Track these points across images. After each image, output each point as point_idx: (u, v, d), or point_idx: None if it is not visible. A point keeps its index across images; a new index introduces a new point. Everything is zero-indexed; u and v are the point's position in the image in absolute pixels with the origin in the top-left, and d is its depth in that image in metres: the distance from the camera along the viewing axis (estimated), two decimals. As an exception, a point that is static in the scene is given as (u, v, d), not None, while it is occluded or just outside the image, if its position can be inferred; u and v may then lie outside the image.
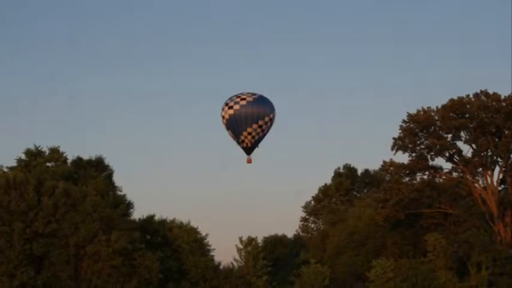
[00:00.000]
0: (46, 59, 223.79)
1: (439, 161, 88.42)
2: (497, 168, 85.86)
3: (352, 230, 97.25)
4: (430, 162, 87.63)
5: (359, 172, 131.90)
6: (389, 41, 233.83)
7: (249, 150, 70.70)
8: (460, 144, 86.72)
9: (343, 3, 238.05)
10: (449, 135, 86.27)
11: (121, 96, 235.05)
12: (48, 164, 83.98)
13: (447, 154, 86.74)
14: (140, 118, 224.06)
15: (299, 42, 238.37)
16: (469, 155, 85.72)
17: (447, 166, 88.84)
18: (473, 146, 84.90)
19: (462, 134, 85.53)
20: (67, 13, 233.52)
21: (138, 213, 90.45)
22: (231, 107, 68.82)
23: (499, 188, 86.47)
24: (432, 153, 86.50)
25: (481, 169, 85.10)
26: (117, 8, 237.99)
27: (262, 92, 72.50)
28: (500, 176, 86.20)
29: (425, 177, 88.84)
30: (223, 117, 70.23)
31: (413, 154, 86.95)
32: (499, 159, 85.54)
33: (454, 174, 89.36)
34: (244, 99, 68.75)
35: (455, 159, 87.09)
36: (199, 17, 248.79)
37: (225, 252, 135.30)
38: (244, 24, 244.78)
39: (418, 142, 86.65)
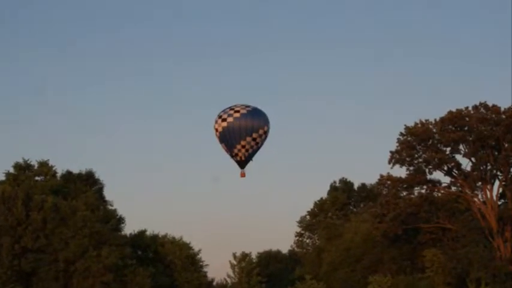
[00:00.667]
0: (35, 71, 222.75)
1: (437, 175, 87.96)
2: (496, 182, 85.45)
3: (349, 245, 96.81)
4: (428, 176, 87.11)
5: (355, 186, 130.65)
6: (387, 51, 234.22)
7: (242, 164, 70.21)
8: (458, 157, 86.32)
9: (340, 9, 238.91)
10: (448, 149, 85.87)
11: (112, 109, 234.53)
12: (37, 178, 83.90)
13: (445, 168, 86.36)
14: (131, 131, 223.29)
15: (295, 52, 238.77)
16: (468, 168, 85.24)
17: (445, 180, 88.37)
18: (473, 159, 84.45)
19: (461, 147, 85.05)
20: (55, 24, 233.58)
21: (129, 228, 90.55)
22: (224, 120, 68.26)
23: (499, 203, 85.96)
24: (430, 166, 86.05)
25: (480, 183, 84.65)
26: (106, 19, 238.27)
27: (256, 104, 72.15)
28: (500, 190, 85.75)
29: (423, 191, 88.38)
30: (216, 129, 69.68)
31: (411, 168, 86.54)
32: (498, 173, 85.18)
33: (453, 188, 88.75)
34: (238, 111, 68.19)
35: (454, 173, 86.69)
36: (189, 26, 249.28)
37: (218, 268, 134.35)
38: (239, 32, 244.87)
39: (416, 155, 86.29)
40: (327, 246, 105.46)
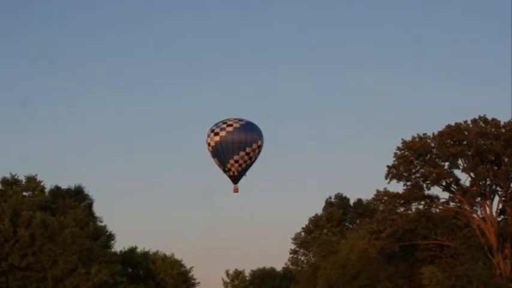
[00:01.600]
0: (20, 85, 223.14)
1: (436, 190, 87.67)
2: (496, 198, 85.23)
3: (344, 262, 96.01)
4: (426, 192, 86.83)
5: (351, 202, 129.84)
6: (385, 65, 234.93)
7: (235, 179, 70.33)
8: (457, 172, 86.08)
9: (339, 23, 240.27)
10: (446, 163, 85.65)
11: (101, 123, 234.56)
12: (24, 193, 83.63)
13: (444, 183, 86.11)
14: (121, 145, 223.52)
15: (290, 67, 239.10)
16: (467, 183, 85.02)
17: (444, 196, 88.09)
18: (472, 174, 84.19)
19: (460, 161, 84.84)
20: (39, 39, 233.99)
21: (119, 245, 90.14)
22: (217, 134, 68.45)
23: (499, 219, 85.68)
24: (428, 182, 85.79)
25: (479, 199, 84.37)
26: (93, 31, 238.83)
27: (250, 118, 72.12)
28: (500, 206, 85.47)
29: (420, 207, 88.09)
30: (208, 144, 69.89)
31: (408, 183, 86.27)
32: (498, 188, 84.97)
33: (451, 204, 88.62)
34: (231, 125, 68.37)
35: (452, 189, 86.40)
36: (182, 38, 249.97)
37: (210, 286, 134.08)
38: (233, 44, 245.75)
39: (414, 170, 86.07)
40: (322, 263, 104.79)
